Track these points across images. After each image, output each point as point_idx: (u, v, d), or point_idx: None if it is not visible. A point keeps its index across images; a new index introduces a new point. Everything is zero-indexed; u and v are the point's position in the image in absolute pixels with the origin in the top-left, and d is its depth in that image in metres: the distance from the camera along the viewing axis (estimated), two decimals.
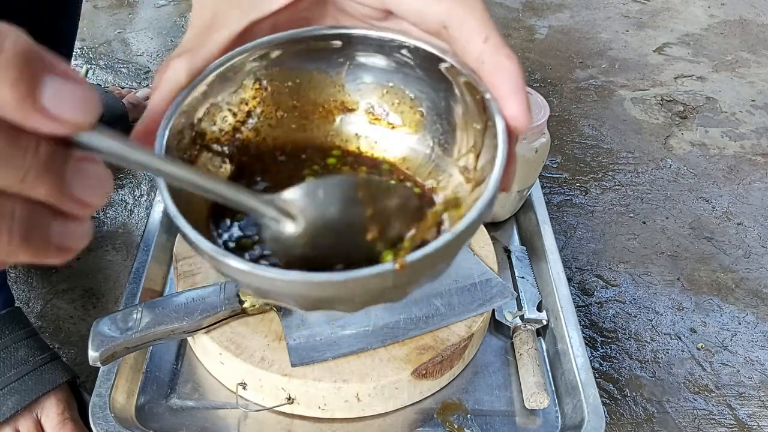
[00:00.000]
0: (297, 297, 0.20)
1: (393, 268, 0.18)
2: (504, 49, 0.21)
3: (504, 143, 0.21)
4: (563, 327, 0.45)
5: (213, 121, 0.25)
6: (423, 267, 0.19)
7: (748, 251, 0.63)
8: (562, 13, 0.99)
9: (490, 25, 0.21)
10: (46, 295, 0.55)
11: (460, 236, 0.20)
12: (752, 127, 0.80)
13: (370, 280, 0.19)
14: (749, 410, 0.50)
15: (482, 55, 0.21)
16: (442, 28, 0.22)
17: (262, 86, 0.26)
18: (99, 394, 0.39)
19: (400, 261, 0.19)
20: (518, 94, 0.21)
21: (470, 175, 0.24)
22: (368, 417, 0.41)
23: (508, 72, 0.21)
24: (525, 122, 0.21)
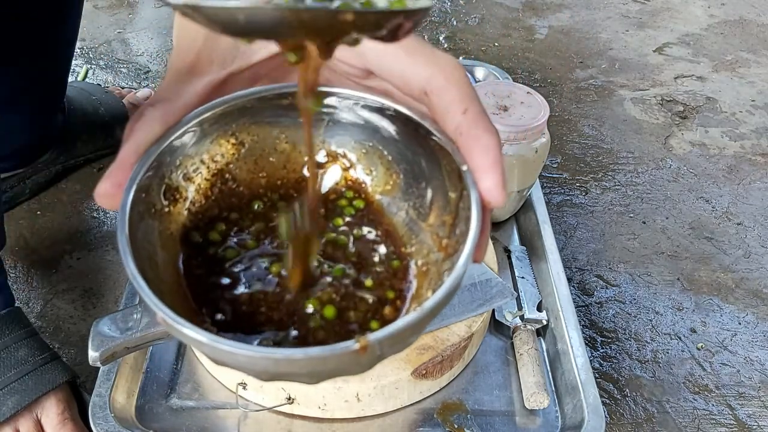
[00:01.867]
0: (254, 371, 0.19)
1: (355, 348, 0.18)
2: (482, 121, 0.21)
3: (478, 217, 0.20)
4: (563, 327, 0.45)
5: (185, 174, 0.24)
6: (388, 344, 0.19)
7: (748, 251, 0.63)
8: (562, 13, 0.99)
9: (470, 96, 0.21)
10: (46, 295, 0.55)
11: (428, 314, 0.19)
12: (752, 127, 0.80)
13: (331, 358, 0.18)
14: (749, 410, 0.50)
15: (460, 126, 0.21)
16: (423, 93, 0.21)
17: (238, 141, 0.25)
18: (99, 394, 0.39)
19: (362, 341, 0.18)
20: (494, 168, 0.20)
21: (443, 242, 0.23)
22: (368, 417, 0.41)
23: (485, 145, 0.20)
24: (500, 198, 0.20)
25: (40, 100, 0.58)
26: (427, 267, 0.24)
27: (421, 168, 0.24)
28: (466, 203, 0.21)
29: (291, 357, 0.18)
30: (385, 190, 0.26)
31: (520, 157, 0.51)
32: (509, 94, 0.52)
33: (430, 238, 0.24)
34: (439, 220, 0.24)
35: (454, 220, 0.23)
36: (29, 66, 0.54)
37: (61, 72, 0.59)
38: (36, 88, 0.56)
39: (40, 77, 0.56)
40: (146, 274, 0.20)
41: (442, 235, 0.23)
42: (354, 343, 0.18)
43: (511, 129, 0.49)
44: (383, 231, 0.26)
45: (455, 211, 0.23)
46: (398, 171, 0.25)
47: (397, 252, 0.25)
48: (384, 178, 0.26)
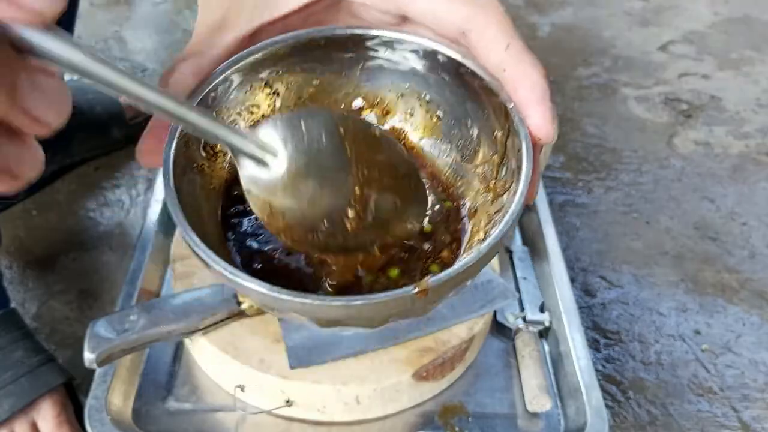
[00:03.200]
0: (313, 317, 0.20)
1: (413, 293, 0.18)
2: (527, 55, 0.20)
3: (528, 155, 0.20)
4: (566, 329, 0.45)
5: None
6: (446, 288, 0.19)
7: (753, 252, 0.63)
8: (565, 11, 0.98)
9: (512, 31, 0.21)
10: (41, 296, 0.54)
11: (484, 257, 0.19)
12: (757, 125, 0.79)
13: (389, 303, 0.19)
14: (754, 412, 0.50)
15: (503, 62, 0.20)
16: (461, 34, 0.21)
17: (272, 90, 0.25)
18: (95, 397, 0.39)
19: (421, 285, 0.18)
20: (542, 103, 0.20)
21: (491, 183, 0.23)
22: (368, 420, 0.41)
23: (531, 81, 0.20)
24: (550, 133, 0.20)
25: None
26: (476, 209, 0.23)
27: (463, 108, 0.24)
28: (514, 141, 0.21)
29: (352, 304, 0.18)
30: (425, 133, 0.25)
31: None
32: None
33: (477, 179, 0.24)
34: (485, 161, 0.23)
35: (501, 159, 0.22)
36: None
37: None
38: None
39: None
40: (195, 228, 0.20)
41: (489, 176, 0.23)
42: (413, 288, 0.18)
43: None
44: (428, 176, 0.25)
45: (502, 150, 0.22)
46: (438, 113, 0.25)
47: (447, 194, 0.24)
48: (424, 122, 0.25)
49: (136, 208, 0.62)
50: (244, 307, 0.41)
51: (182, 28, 0.88)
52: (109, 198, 0.63)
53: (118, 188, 0.64)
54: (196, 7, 0.24)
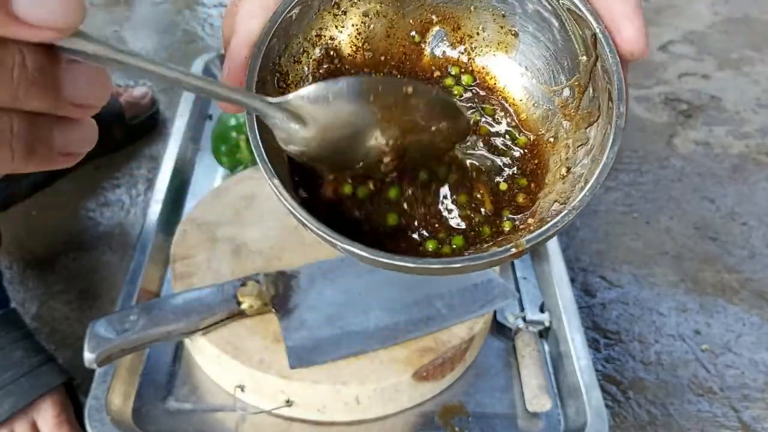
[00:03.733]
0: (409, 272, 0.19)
1: (511, 252, 0.18)
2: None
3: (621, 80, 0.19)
4: (566, 328, 0.45)
5: (295, 58, 0.23)
6: (541, 243, 0.19)
7: (752, 252, 0.63)
8: None
9: None
10: (41, 296, 0.54)
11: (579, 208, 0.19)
12: (757, 126, 0.79)
13: (489, 262, 0.19)
14: (754, 412, 0.50)
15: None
16: None
17: (340, 10, 0.24)
18: (95, 397, 0.39)
19: (520, 246, 0.18)
20: (636, 14, 0.19)
21: (570, 111, 0.22)
22: (368, 420, 0.40)
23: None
24: (642, 46, 0.19)
25: None
26: (555, 140, 0.22)
27: (544, 27, 0.22)
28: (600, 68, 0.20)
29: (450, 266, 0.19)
30: (499, 49, 0.24)
31: None
32: None
33: (557, 106, 0.22)
34: (566, 86, 0.22)
35: (585, 87, 0.21)
36: None
37: None
38: None
39: None
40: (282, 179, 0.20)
41: (570, 104, 0.22)
42: (511, 248, 0.18)
43: None
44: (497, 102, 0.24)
45: (587, 77, 0.21)
46: (515, 28, 0.23)
47: (521, 122, 0.23)
48: (498, 37, 0.24)
49: (136, 208, 0.62)
50: (244, 307, 0.40)
51: (182, 28, 0.88)
52: (109, 198, 0.63)
53: (118, 188, 0.64)
54: (196, 7, 0.23)
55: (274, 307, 0.41)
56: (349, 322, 0.41)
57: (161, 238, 0.50)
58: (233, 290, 0.41)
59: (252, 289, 0.41)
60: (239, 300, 0.40)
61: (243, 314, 0.41)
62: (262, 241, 0.46)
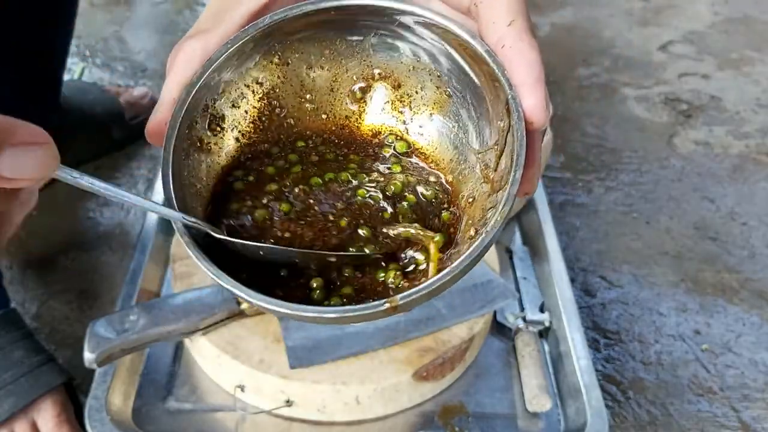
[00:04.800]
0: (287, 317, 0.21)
1: (384, 308, 0.19)
2: (527, 36, 0.20)
3: (523, 147, 0.20)
4: (566, 328, 0.45)
5: (231, 102, 0.24)
6: (418, 302, 0.20)
7: (752, 252, 0.63)
8: (565, 11, 0.98)
9: (519, 9, 0.21)
10: (41, 296, 0.54)
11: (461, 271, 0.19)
12: (757, 125, 0.79)
13: (362, 315, 0.20)
14: (754, 412, 0.50)
15: (504, 38, 0.20)
16: (473, 5, 0.21)
17: (282, 60, 0.24)
18: (95, 397, 0.39)
19: (392, 301, 0.19)
20: (536, 85, 0.20)
21: (490, 174, 0.22)
22: (368, 420, 0.40)
23: (529, 61, 0.20)
24: (542, 116, 0.20)
25: (34, 100, 0.57)
26: (473, 200, 0.23)
27: (472, 89, 0.23)
28: (515, 134, 0.20)
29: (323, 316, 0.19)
30: (435, 109, 0.25)
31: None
32: None
33: (479, 166, 0.23)
34: (488, 148, 0.23)
35: (501, 150, 0.22)
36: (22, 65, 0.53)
37: (55, 71, 0.59)
38: (30, 87, 0.56)
39: (34, 76, 0.56)
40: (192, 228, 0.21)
41: (490, 165, 0.23)
42: (385, 303, 0.19)
43: None
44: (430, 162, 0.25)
45: (503, 141, 0.22)
46: (449, 90, 0.24)
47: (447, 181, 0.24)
48: (434, 97, 0.25)
49: (136, 208, 0.62)
50: (244, 307, 0.40)
51: (182, 28, 0.88)
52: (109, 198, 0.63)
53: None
54: (197, 7, 0.24)
55: None
56: None
57: (161, 238, 0.50)
58: None
59: None
60: (239, 300, 0.40)
61: (243, 314, 0.41)
62: None
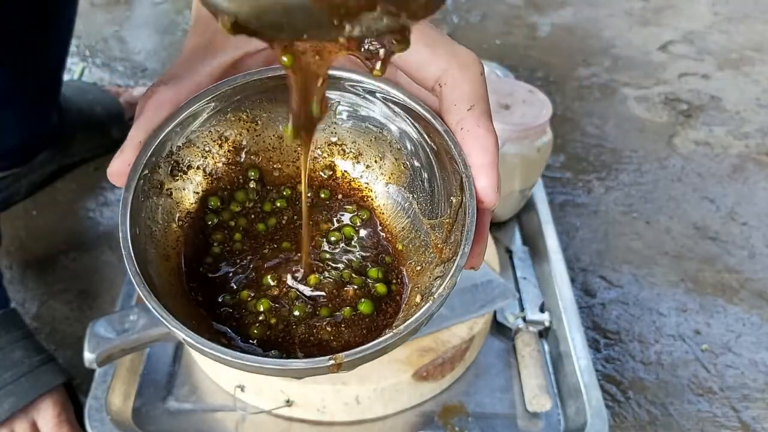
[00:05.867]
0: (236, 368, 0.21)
1: (327, 365, 0.19)
2: (485, 121, 0.21)
3: (473, 223, 0.21)
4: (566, 329, 0.45)
5: (195, 152, 0.24)
6: (361, 362, 0.20)
7: (752, 252, 0.63)
8: (565, 11, 0.98)
9: (480, 94, 0.22)
10: (41, 296, 0.54)
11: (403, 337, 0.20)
12: (757, 125, 0.79)
13: (304, 370, 0.20)
14: (754, 412, 0.50)
15: (463, 121, 0.21)
16: (437, 84, 0.22)
17: (250, 118, 0.25)
18: (95, 397, 0.39)
19: (337, 359, 0.19)
20: (491, 168, 0.21)
21: (439, 244, 0.23)
22: (368, 420, 0.40)
23: (484, 145, 0.21)
24: (493, 198, 0.21)
25: (34, 99, 0.57)
26: (421, 267, 0.24)
27: (428, 164, 0.24)
28: (467, 210, 0.21)
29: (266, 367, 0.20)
30: (392, 180, 0.26)
31: (522, 156, 0.50)
32: (511, 93, 0.51)
33: (430, 237, 0.24)
34: (440, 222, 0.24)
35: (452, 224, 0.23)
36: (22, 65, 0.53)
37: (54, 71, 0.59)
38: (30, 87, 0.56)
39: (34, 76, 0.56)
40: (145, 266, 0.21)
41: (440, 237, 0.23)
42: (330, 359, 0.19)
43: (513, 128, 0.48)
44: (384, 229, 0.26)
45: (455, 215, 0.23)
46: (407, 162, 0.25)
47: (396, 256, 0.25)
48: (392, 168, 0.26)
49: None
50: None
51: (182, 28, 0.88)
52: (109, 198, 0.63)
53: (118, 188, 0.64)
54: None
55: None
56: None
57: None
58: None
59: None
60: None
61: None
62: None
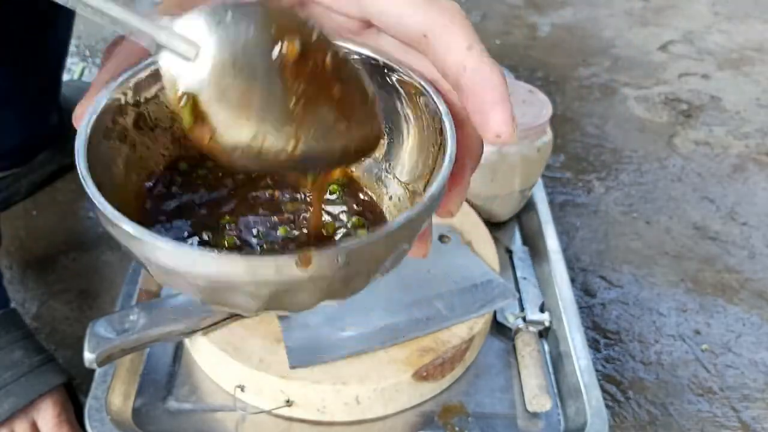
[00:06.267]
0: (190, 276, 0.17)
1: (295, 258, 0.16)
2: (488, 58, 0.20)
3: (450, 159, 0.20)
4: (566, 328, 0.45)
5: (163, 111, 0.23)
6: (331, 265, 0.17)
7: (753, 252, 0.63)
8: (565, 10, 0.98)
9: (474, 35, 0.21)
10: (41, 296, 0.54)
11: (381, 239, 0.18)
12: (757, 125, 0.79)
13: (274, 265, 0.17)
14: (754, 413, 0.50)
15: (465, 61, 0.20)
16: (422, 36, 0.21)
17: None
18: (95, 397, 0.39)
19: (306, 254, 0.16)
20: (503, 104, 0.20)
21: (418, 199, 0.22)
22: (368, 420, 0.40)
23: (492, 81, 0.20)
24: (511, 131, 0.20)
25: (33, 99, 0.57)
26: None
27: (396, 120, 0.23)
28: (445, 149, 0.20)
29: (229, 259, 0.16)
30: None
31: (522, 156, 0.50)
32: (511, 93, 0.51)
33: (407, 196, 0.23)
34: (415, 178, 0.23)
35: (431, 174, 0.22)
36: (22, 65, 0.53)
37: (54, 71, 0.59)
38: (30, 87, 0.56)
39: (33, 76, 0.56)
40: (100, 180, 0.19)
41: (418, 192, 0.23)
42: (294, 255, 0.16)
43: None
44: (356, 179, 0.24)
45: (433, 165, 0.22)
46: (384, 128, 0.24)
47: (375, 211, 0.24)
48: None
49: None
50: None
51: None
52: None
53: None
54: None
55: None
56: (349, 322, 0.41)
57: None
58: None
59: None
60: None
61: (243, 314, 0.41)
62: None
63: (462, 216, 0.49)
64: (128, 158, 0.22)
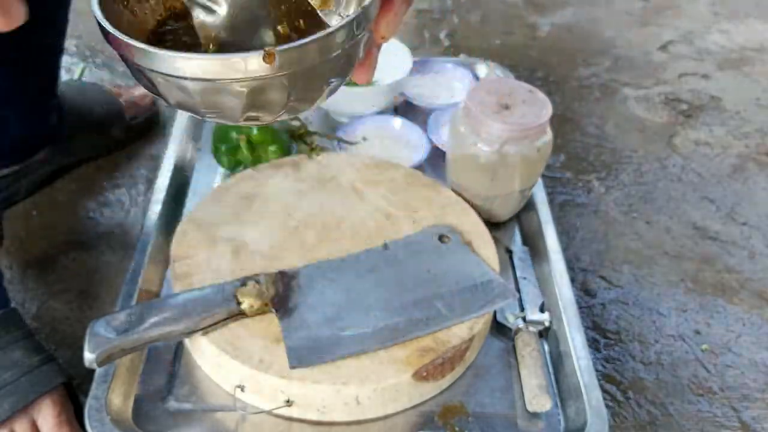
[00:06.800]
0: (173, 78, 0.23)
1: (261, 54, 0.20)
2: None
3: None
4: (566, 328, 0.45)
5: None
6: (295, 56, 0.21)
7: (752, 252, 0.63)
8: (565, 10, 0.98)
9: None
10: (41, 296, 0.54)
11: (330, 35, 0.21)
12: (757, 125, 0.79)
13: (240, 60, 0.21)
14: (754, 413, 0.50)
15: None
16: None
17: None
18: (95, 397, 0.39)
19: (269, 51, 0.20)
20: None
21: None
22: (368, 420, 0.40)
23: None
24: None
25: (32, 99, 0.57)
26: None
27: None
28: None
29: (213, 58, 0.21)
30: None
31: (522, 156, 0.50)
32: (511, 93, 0.51)
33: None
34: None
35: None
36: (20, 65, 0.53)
37: (52, 70, 0.59)
38: (28, 87, 0.56)
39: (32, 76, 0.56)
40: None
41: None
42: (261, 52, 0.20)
43: (513, 128, 0.48)
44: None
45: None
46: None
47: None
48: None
49: (136, 208, 0.62)
50: (244, 307, 0.41)
51: None
52: (109, 198, 0.63)
53: (118, 188, 0.64)
54: None
55: (274, 307, 0.41)
56: (349, 322, 0.41)
57: (161, 238, 0.50)
58: (233, 290, 0.41)
59: (252, 289, 0.41)
60: (239, 300, 0.40)
61: (243, 314, 0.41)
62: (262, 241, 0.46)
63: (462, 216, 0.49)
64: (129, 20, 0.28)
